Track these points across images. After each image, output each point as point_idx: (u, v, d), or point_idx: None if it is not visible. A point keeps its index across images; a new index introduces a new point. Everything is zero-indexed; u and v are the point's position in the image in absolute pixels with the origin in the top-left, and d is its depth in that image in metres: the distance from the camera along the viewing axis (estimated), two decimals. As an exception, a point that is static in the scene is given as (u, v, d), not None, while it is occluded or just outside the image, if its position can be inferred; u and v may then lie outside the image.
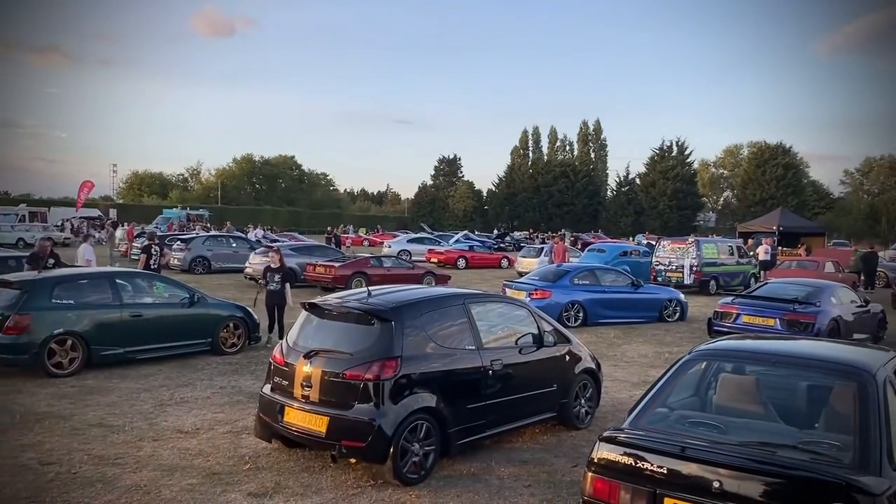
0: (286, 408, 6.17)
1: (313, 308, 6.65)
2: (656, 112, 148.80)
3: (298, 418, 6.06)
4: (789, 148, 75.98)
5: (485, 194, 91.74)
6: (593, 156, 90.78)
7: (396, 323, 6.09)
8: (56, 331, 9.45)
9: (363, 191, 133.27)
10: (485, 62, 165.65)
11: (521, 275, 23.23)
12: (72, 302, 9.82)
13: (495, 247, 43.92)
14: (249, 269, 22.21)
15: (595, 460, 4.08)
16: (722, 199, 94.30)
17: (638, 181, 78.38)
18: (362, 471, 6.12)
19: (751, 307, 13.19)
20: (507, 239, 53.19)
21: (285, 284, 12.04)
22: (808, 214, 66.06)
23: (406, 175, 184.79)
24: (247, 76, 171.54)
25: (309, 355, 6.15)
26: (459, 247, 36.91)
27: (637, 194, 77.18)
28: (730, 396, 4.63)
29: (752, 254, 27.31)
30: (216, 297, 12.43)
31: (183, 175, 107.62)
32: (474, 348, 6.58)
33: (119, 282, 10.57)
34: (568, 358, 7.72)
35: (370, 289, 6.89)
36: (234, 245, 27.47)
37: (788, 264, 25.58)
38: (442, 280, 22.00)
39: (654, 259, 24.26)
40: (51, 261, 12.66)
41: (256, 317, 11.83)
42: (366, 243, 53.22)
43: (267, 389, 6.54)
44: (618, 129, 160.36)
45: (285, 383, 6.30)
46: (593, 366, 8.13)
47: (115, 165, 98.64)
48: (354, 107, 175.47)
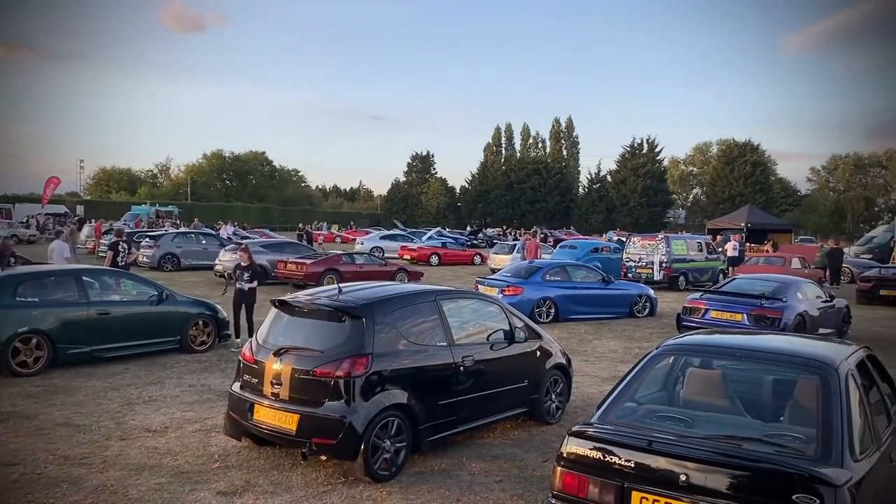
0: (256, 406, 6.12)
1: (283, 305, 6.61)
2: (627, 110, 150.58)
3: (268, 416, 6.02)
4: (757, 146, 77.32)
5: (458, 191, 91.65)
6: (565, 153, 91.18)
7: (367, 320, 6.07)
8: (20, 329, 9.28)
9: (335, 187, 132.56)
10: (458, 59, 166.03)
11: (493, 271, 23.33)
12: (37, 300, 9.64)
13: (468, 243, 43.91)
14: (219, 266, 22.00)
15: (564, 455, 4.10)
16: (691, 196, 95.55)
17: (609, 178, 78.94)
18: (333, 468, 6.10)
19: (719, 303, 13.41)
20: (480, 236, 53.25)
21: (253, 282, 11.92)
22: (775, 211, 67.27)
23: (379, 171, 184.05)
24: (217, 71, 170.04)
25: (279, 353, 6.11)
26: (432, 243, 36.83)
27: (608, 191, 77.74)
28: (697, 390, 4.69)
29: (720, 250, 27.76)
30: (185, 294, 12.30)
31: (152, 171, 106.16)
32: (446, 345, 6.59)
33: (86, 279, 10.41)
34: (539, 354, 7.77)
35: (341, 286, 6.87)
36: (203, 242, 27.19)
37: (756, 260, 25.99)
38: (414, 277, 21.99)
39: (624, 255, 24.49)
40: (13, 259, 12.43)
41: (226, 314, 11.73)
42: (338, 240, 52.97)
43: (236, 387, 6.49)
44: (590, 126, 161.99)
45: (255, 381, 6.25)
46: (564, 361, 8.19)
47: (81, 161, 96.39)
48: (327, 103, 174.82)
